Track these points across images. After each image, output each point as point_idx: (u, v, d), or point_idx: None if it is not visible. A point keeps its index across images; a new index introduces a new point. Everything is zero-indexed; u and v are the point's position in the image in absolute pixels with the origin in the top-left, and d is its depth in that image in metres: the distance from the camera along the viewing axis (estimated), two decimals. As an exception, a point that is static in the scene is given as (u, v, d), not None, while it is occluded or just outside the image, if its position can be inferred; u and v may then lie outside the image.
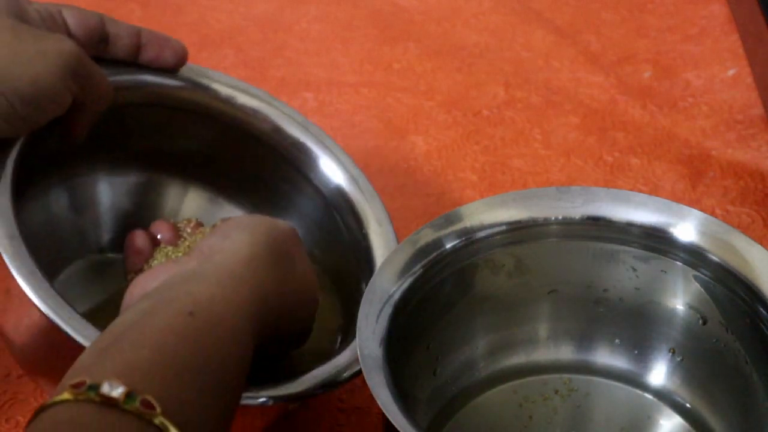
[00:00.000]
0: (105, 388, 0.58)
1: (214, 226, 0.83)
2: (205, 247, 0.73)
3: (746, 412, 0.79)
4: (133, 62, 0.84)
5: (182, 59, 0.86)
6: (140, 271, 0.84)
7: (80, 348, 0.70)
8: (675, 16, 1.21)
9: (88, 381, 0.58)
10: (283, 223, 0.77)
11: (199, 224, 0.88)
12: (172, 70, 0.86)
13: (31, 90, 0.74)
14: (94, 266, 0.88)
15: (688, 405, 0.82)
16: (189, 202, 0.92)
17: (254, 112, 0.89)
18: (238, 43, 1.18)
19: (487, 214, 0.82)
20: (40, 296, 0.71)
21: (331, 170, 0.88)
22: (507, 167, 1.05)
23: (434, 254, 0.80)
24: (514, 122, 1.09)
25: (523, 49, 1.17)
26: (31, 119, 0.76)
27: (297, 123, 0.90)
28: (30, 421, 0.58)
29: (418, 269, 0.79)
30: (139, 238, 0.85)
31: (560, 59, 1.16)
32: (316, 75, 1.14)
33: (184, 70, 0.87)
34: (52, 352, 0.74)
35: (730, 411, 0.80)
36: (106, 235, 0.89)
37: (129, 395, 0.58)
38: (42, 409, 0.58)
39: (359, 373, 0.77)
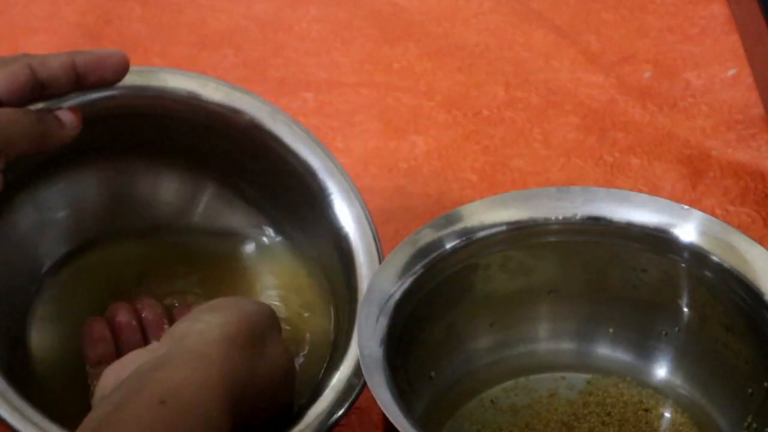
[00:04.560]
0: None
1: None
2: (177, 330, 0.72)
3: (746, 412, 0.79)
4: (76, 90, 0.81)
5: (123, 72, 0.81)
6: (99, 359, 0.82)
7: None
8: (675, 16, 1.21)
9: None
10: (259, 304, 0.77)
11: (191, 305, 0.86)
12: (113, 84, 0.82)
13: None
14: (90, 268, 0.88)
15: (688, 404, 0.82)
16: (168, 190, 0.91)
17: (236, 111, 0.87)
18: (238, 43, 1.18)
19: (488, 214, 0.82)
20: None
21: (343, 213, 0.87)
22: (507, 167, 1.05)
23: (434, 254, 0.80)
24: (514, 122, 1.09)
25: (523, 49, 1.17)
26: None
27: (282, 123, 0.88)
28: None
29: (418, 269, 0.79)
30: (97, 326, 0.83)
31: (560, 59, 1.16)
32: (316, 75, 1.14)
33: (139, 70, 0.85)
34: None
35: (731, 411, 0.80)
36: (93, 231, 0.89)
37: None
38: None
39: (337, 422, 0.77)
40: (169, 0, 1.23)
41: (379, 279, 0.78)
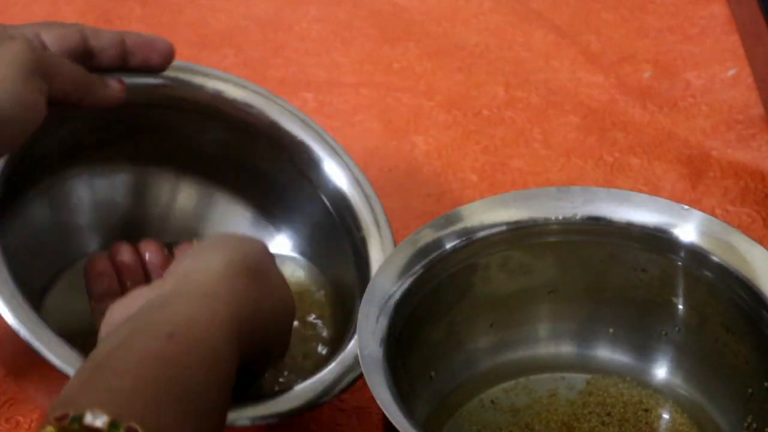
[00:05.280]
0: (88, 419, 0.57)
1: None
2: (180, 267, 0.72)
3: (746, 412, 0.79)
4: (120, 69, 0.83)
5: (169, 58, 0.84)
6: (102, 295, 0.83)
7: (58, 372, 0.70)
8: (675, 16, 1.21)
9: (72, 413, 0.58)
10: (253, 239, 0.77)
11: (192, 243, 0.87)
12: (159, 71, 0.85)
13: None
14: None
15: (688, 404, 0.82)
16: (185, 200, 0.91)
17: (250, 108, 0.88)
18: (238, 43, 1.18)
19: (488, 214, 0.82)
20: (18, 317, 0.72)
21: (334, 173, 0.88)
22: (507, 167, 1.05)
23: (434, 254, 0.80)
24: (514, 122, 1.09)
25: (523, 49, 1.17)
26: (8, 135, 0.73)
27: (299, 120, 0.89)
28: None
29: (418, 269, 0.79)
30: (100, 261, 0.83)
31: (560, 59, 1.16)
32: (316, 75, 1.14)
33: (181, 66, 0.86)
34: (34, 370, 0.74)
35: (731, 411, 0.80)
36: (100, 237, 0.89)
37: (113, 424, 0.57)
38: None
39: (345, 389, 0.77)
40: (169, 0, 1.23)
41: (379, 279, 0.78)
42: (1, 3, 1.21)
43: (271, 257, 0.77)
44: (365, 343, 0.74)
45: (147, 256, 0.84)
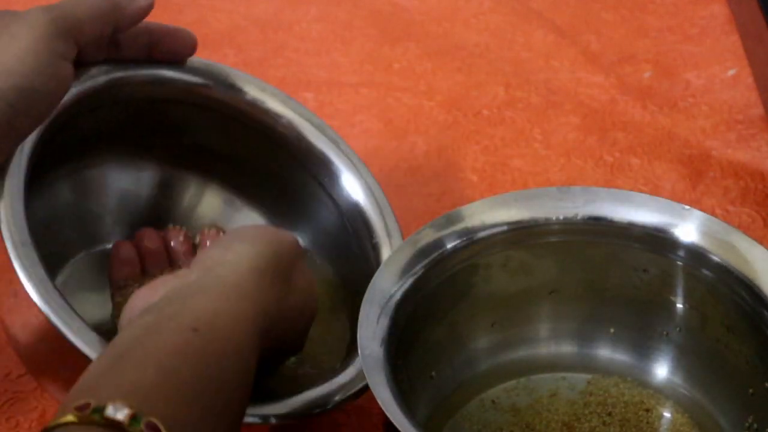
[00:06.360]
0: (110, 411, 0.57)
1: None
2: (207, 258, 0.71)
3: (747, 412, 0.79)
4: (146, 60, 0.83)
5: (193, 47, 0.84)
6: (125, 280, 0.82)
7: (84, 357, 0.70)
8: (675, 16, 1.21)
9: (93, 403, 0.57)
10: (285, 234, 0.76)
11: (219, 231, 0.86)
12: (182, 60, 0.84)
13: (19, 79, 0.70)
14: (103, 257, 0.88)
15: (688, 404, 0.82)
16: (205, 201, 0.91)
17: (279, 117, 0.88)
18: (238, 43, 1.18)
19: (488, 214, 0.82)
20: (48, 304, 0.71)
21: (351, 186, 0.87)
22: (507, 167, 1.05)
23: (435, 254, 0.80)
24: (514, 122, 1.09)
25: (523, 49, 1.17)
26: (34, 109, 0.72)
27: (324, 135, 0.89)
28: None
29: (419, 269, 0.79)
30: (125, 248, 0.83)
31: (560, 59, 1.16)
32: (316, 75, 1.14)
33: (212, 68, 0.86)
34: (56, 357, 0.74)
35: (731, 411, 0.80)
36: (119, 228, 0.89)
37: (134, 417, 0.57)
38: (46, 431, 0.57)
39: (357, 395, 0.77)
40: (169, 0, 1.23)
41: (380, 279, 0.78)
42: (1, 3, 1.21)
43: (302, 254, 0.76)
44: (366, 343, 0.74)
45: (172, 243, 0.83)
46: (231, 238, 0.74)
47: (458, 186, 1.03)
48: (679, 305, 0.82)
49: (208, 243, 0.84)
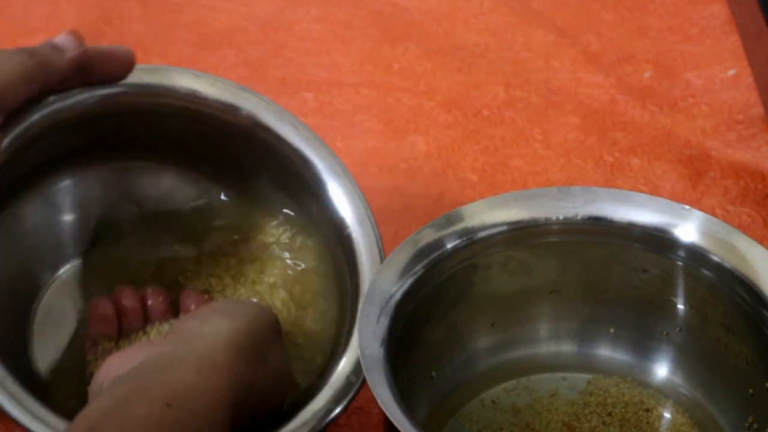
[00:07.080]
0: None
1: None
2: (184, 329, 0.72)
3: (747, 412, 0.79)
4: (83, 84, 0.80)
5: (129, 67, 0.81)
6: (101, 336, 0.82)
7: None
8: (675, 16, 1.21)
9: None
10: (265, 310, 0.77)
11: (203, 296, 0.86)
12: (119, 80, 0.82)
13: None
14: (87, 266, 0.88)
15: (688, 404, 0.82)
16: (169, 186, 0.90)
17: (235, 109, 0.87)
18: (238, 43, 1.18)
19: (489, 214, 0.82)
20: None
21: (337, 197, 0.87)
22: (507, 167, 1.05)
23: (435, 254, 0.80)
24: (514, 122, 1.09)
25: (523, 49, 1.17)
26: None
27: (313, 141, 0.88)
28: None
29: (419, 269, 0.79)
30: (102, 305, 0.82)
31: (560, 59, 1.16)
32: (316, 75, 1.14)
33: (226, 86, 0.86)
34: None
35: (731, 411, 0.80)
36: (89, 239, 0.89)
37: None
38: None
39: (335, 419, 0.77)
40: (169, 0, 1.23)
41: (380, 279, 0.78)
42: (1, 3, 1.21)
43: (277, 328, 0.77)
44: (366, 343, 0.74)
45: (150, 302, 0.83)
46: (210, 311, 0.74)
47: (458, 186, 1.03)
48: (679, 305, 0.82)
49: (193, 306, 0.83)
